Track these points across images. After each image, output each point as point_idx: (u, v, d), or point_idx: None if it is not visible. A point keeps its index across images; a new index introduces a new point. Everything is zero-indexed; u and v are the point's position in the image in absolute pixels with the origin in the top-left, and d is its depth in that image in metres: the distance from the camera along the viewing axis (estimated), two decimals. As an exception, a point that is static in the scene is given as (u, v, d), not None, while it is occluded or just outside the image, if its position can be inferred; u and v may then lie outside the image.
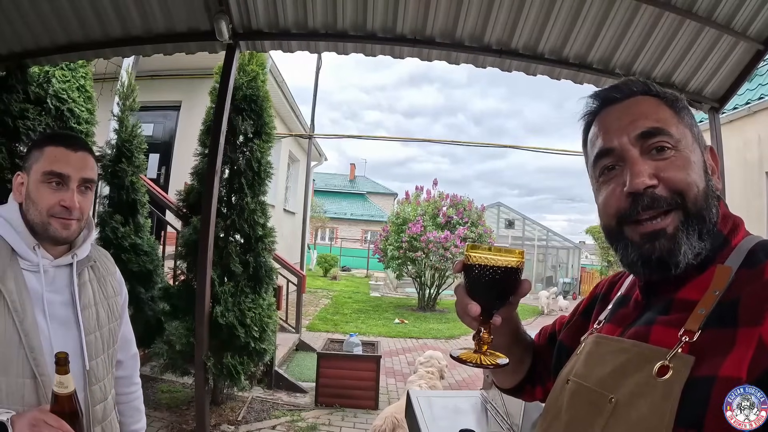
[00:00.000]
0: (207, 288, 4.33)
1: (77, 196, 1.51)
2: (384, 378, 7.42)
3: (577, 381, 0.96)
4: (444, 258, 15.62)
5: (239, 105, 5.38)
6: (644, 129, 0.92)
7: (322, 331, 11.51)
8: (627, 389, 0.83)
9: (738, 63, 4.37)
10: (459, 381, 8.35)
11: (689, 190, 0.88)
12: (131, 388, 1.94)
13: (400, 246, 16.20)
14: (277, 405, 6.12)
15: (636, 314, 0.97)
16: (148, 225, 5.77)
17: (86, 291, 1.62)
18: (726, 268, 0.85)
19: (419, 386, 5.19)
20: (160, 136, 10.21)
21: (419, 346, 10.79)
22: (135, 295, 5.31)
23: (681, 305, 0.87)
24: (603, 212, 0.98)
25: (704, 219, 0.89)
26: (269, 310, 5.47)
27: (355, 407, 6.27)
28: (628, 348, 0.89)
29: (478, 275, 0.99)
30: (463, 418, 3.10)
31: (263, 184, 5.62)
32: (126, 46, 4.24)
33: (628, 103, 0.98)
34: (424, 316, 15.50)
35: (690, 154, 0.92)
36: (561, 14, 4.04)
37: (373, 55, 4.41)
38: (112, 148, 5.47)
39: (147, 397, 5.37)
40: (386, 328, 12.87)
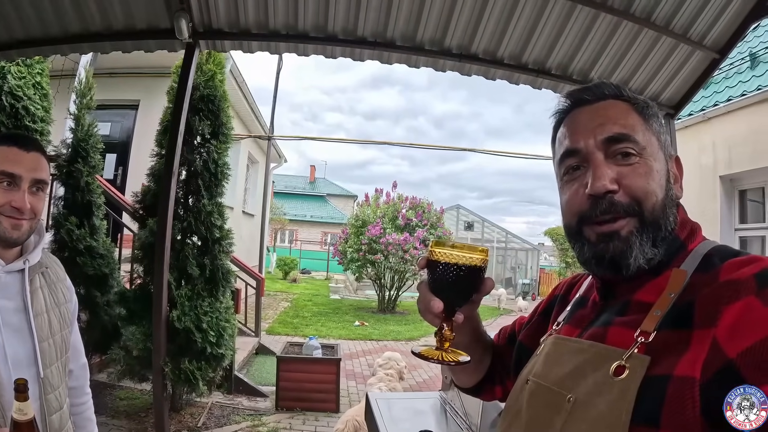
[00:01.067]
0: (164, 292, 4.25)
1: (29, 197, 1.47)
2: (344, 380, 7.41)
3: (537, 381, 0.98)
4: (403, 260, 15.68)
5: (197, 105, 5.32)
6: (611, 134, 0.93)
7: (282, 334, 11.41)
8: (585, 388, 0.85)
9: (694, 71, 4.48)
10: (419, 382, 8.39)
11: (647, 200, 0.90)
12: (82, 399, 1.88)
13: (359, 248, 16.20)
14: (238, 410, 6.04)
15: (594, 315, 0.99)
16: (103, 227, 5.64)
17: (38, 298, 1.57)
18: (681, 271, 0.87)
19: (379, 388, 5.18)
20: (118, 136, 9.99)
21: (379, 348, 10.79)
22: (91, 299, 5.22)
23: (637, 307, 0.89)
24: (565, 211, 1.00)
25: (659, 227, 0.91)
26: (227, 313, 5.40)
27: (316, 410, 6.24)
28: (586, 348, 0.91)
29: (442, 272, 0.99)
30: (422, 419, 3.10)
31: (220, 186, 5.57)
32: (84, 43, 4.12)
33: (598, 106, 0.99)
34: (384, 318, 15.53)
35: (653, 162, 0.93)
36: (521, 20, 4.10)
37: (334, 57, 4.39)
38: (67, 147, 5.34)
39: (105, 405, 5.33)
40: (346, 330, 12.84)
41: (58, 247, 5.14)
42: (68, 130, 5.47)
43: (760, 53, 7.18)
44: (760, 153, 6.68)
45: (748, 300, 0.74)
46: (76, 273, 5.04)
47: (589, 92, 1.01)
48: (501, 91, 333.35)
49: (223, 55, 5.70)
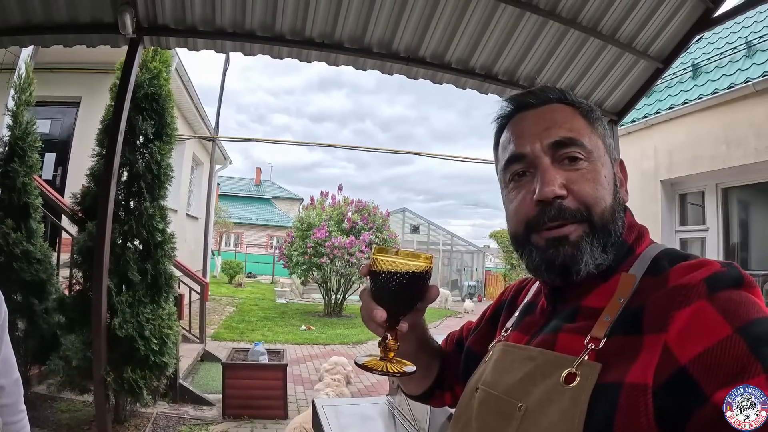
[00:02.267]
0: (103, 298, 4.11)
1: None
2: (292, 386, 7.36)
3: (486, 389, 0.96)
4: (349, 263, 15.67)
5: (140, 104, 5.18)
6: (557, 138, 0.92)
7: (227, 340, 11.22)
8: (536, 397, 0.84)
9: (638, 79, 4.64)
10: (367, 386, 8.39)
11: (596, 205, 0.90)
12: (17, 417, 1.72)
13: (305, 252, 16.11)
14: (184, 420, 5.88)
15: (542, 322, 0.99)
16: (41, 230, 5.42)
17: None
18: (630, 276, 0.86)
19: (326, 394, 5.14)
20: (58, 134, 9.59)
21: (327, 352, 10.73)
22: (28, 306, 5.03)
23: (587, 313, 0.88)
24: (512, 219, 0.98)
25: (609, 232, 0.90)
26: (170, 320, 5.28)
27: (264, 417, 6.14)
28: (535, 356, 0.90)
29: (385, 280, 0.95)
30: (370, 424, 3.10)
31: (163, 188, 5.43)
32: (25, 35, 3.97)
33: (543, 110, 0.98)
34: (330, 321, 15.51)
35: (601, 166, 0.93)
36: (470, 25, 4.17)
37: (281, 57, 4.39)
38: (3, 145, 5.13)
39: (45, 418, 5.13)
40: (293, 335, 12.76)
41: (-7, 252, 4.91)
42: (5, 127, 5.25)
43: (702, 64, 7.50)
44: (699, 158, 6.97)
45: (699, 304, 0.74)
46: (12, 279, 4.85)
47: (534, 96, 1.00)
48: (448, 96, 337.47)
49: (169, 52, 5.58)
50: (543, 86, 1.01)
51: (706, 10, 4.09)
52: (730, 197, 7.02)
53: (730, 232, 7.00)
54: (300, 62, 4.47)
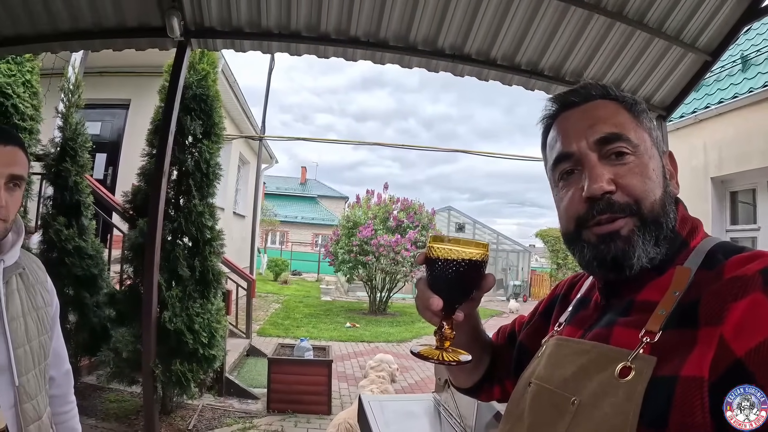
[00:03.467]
0: (154, 293, 4.21)
1: (4, 194, 1.38)
2: (336, 382, 7.39)
3: (539, 383, 0.96)
4: (395, 262, 15.68)
5: (188, 104, 5.27)
6: (603, 134, 0.92)
7: (272, 336, 11.38)
8: (590, 390, 0.83)
9: (686, 73, 4.50)
10: (411, 384, 8.37)
11: (645, 198, 0.89)
12: (66, 407, 1.78)
13: (350, 250, 16.18)
14: (229, 412, 5.99)
15: (596, 316, 0.98)
16: (92, 227, 5.61)
17: (14, 301, 1.47)
18: (685, 269, 0.85)
19: (371, 391, 5.14)
20: (108, 136, 9.94)
21: (371, 349, 10.78)
22: (79, 300, 5.18)
23: (641, 306, 0.87)
24: (563, 217, 0.98)
25: (661, 225, 0.90)
26: (218, 315, 5.37)
27: (307, 413, 6.20)
28: (589, 349, 0.89)
29: (442, 268, 0.95)
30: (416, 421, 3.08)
31: (212, 186, 5.52)
32: (75, 40, 4.09)
33: (586, 107, 0.98)
34: (375, 319, 15.53)
35: (648, 159, 0.92)
36: (514, 21, 4.11)
37: (326, 56, 4.40)
38: (55, 146, 5.30)
39: (94, 407, 5.29)
40: (337, 332, 12.82)
41: (47, 248, 5.11)
42: (56, 129, 5.43)
43: (752, 56, 7.24)
44: (750, 155, 6.73)
45: (754, 296, 0.73)
46: (64, 274, 5.02)
47: (576, 94, 1.00)
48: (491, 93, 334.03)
49: (216, 54, 5.67)
50: (585, 83, 1.01)
51: (755, 0, 3.96)
52: (783, 196, 6.79)
53: (783, 232, 6.77)
54: (345, 62, 4.48)
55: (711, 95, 7.54)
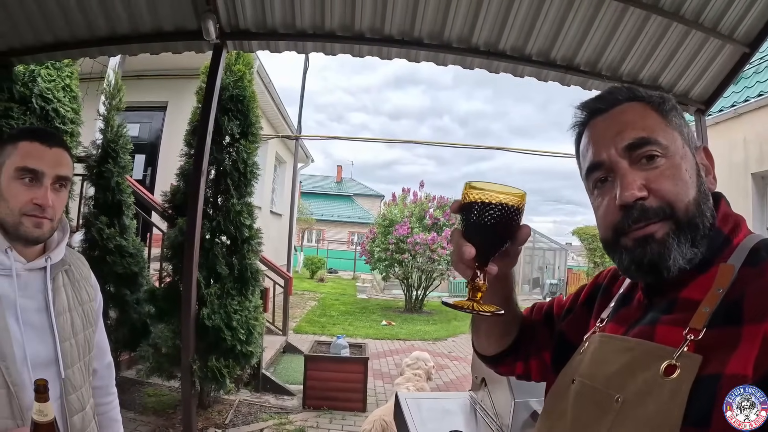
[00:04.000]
0: (193, 290, 4.29)
1: (51, 194, 1.43)
2: (372, 380, 7.38)
3: (583, 381, 0.96)
4: (431, 260, 15.62)
5: (225, 105, 5.34)
6: (631, 140, 0.92)
7: (309, 333, 11.45)
8: (634, 388, 0.83)
9: (724, 65, 4.40)
10: (447, 382, 8.35)
11: (679, 201, 0.88)
12: (107, 398, 1.85)
13: (386, 248, 16.17)
14: (265, 408, 6.07)
15: (639, 314, 0.97)
16: (133, 226, 5.73)
17: (60, 296, 1.54)
18: (729, 266, 0.84)
19: (407, 388, 5.14)
20: (146, 137, 10.17)
21: (407, 347, 10.75)
22: (120, 297, 5.30)
23: (684, 304, 0.86)
24: (601, 225, 0.98)
25: (697, 226, 0.88)
26: (256, 312, 5.44)
27: (343, 410, 6.24)
28: (634, 347, 0.89)
29: (477, 214, 0.94)
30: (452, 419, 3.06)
31: (249, 185, 5.59)
32: (112, 45, 4.21)
33: (614, 113, 0.97)
34: (411, 317, 15.48)
35: (680, 160, 0.91)
36: (549, 16, 4.05)
37: (361, 56, 4.41)
38: (97, 148, 5.43)
39: (133, 401, 5.41)
40: (373, 329, 12.84)
41: (89, 246, 5.24)
42: (98, 131, 5.57)
43: (792, 46, 7.04)
44: (792, 149, 6.55)
45: None
46: (106, 271, 5.14)
47: (602, 100, 1.00)
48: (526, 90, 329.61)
49: (251, 55, 5.74)
50: (610, 88, 1.01)
51: (794, -10, 3.84)
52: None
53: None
54: (378, 61, 4.50)
55: (750, 88, 7.35)
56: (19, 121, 4.41)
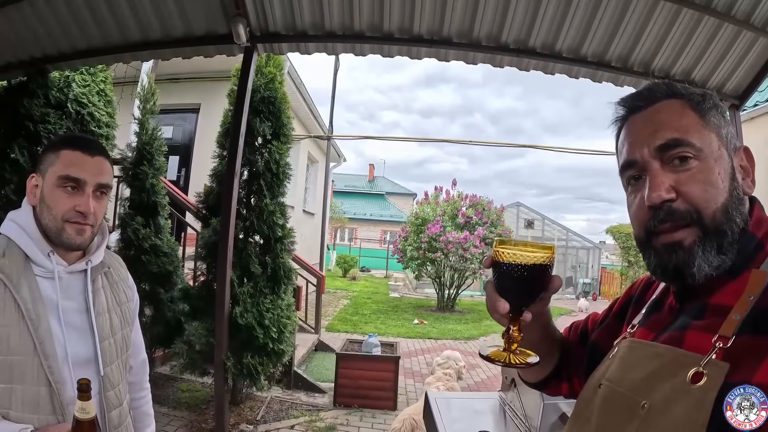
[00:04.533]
0: (226, 289, 4.36)
1: (92, 202, 1.48)
2: (403, 379, 7.40)
3: (610, 385, 0.95)
4: (463, 259, 15.60)
5: (257, 107, 5.39)
6: (664, 140, 0.91)
7: (341, 331, 11.51)
8: (660, 395, 0.82)
9: (758, 59, 4.29)
10: (477, 382, 8.33)
11: (707, 207, 0.87)
12: (141, 393, 1.92)
13: (419, 246, 16.17)
14: (296, 405, 6.14)
15: (670, 319, 0.96)
16: (168, 226, 5.84)
17: (100, 297, 1.59)
18: (761, 273, 0.83)
19: (437, 387, 5.14)
20: (180, 139, 10.33)
21: (438, 346, 10.73)
22: (155, 295, 5.39)
23: (715, 310, 0.86)
24: (634, 223, 0.99)
25: (724, 233, 0.87)
26: (288, 310, 5.48)
27: (373, 408, 6.27)
28: (663, 353, 0.89)
29: (507, 272, 0.97)
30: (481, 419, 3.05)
31: (282, 186, 5.63)
32: (145, 50, 4.30)
33: (651, 111, 0.96)
34: (443, 316, 15.45)
35: (714, 163, 0.90)
36: (578, 12, 4.00)
37: (390, 56, 4.41)
38: (132, 150, 5.54)
39: (167, 396, 5.53)
40: (405, 328, 12.84)
41: (125, 246, 5.35)
42: (133, 134, 5.68)
43: (830, 36, 6.84)
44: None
45: None
46: (141, 270, 5.23)
47: (640, 98, 0.99)
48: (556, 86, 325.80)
49: (282, 57, 5.79)
50: (650, 85, 1.00)
51: (830, -22, 3.72)
52: None
53: None
54: (407, 60, 4.51)
55: (786, 81, 7.18)
56: (56, 126, 4.53)
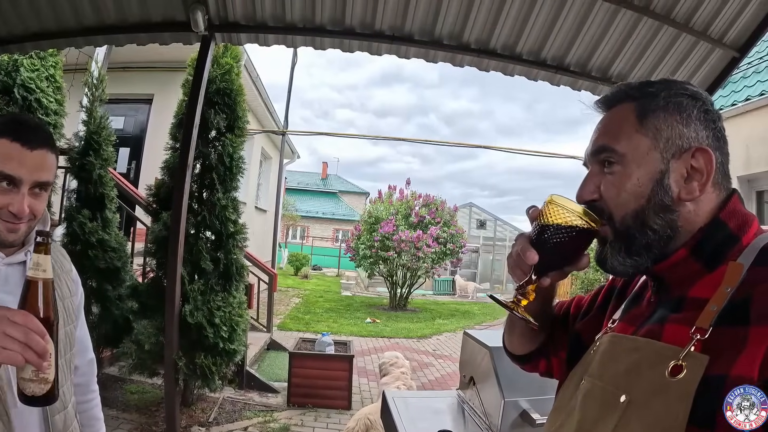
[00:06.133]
0: (177, 286, 4.25)
1: (28, 199, 1.35)
2: (356, 378, 7.40)
3: (591, 380, 0.96)
4: (416, 258, 15.75)
5: (212, 98, 5.28)
6: (595, 147, 1.00)
7: (293, 330, 11.44)
8: (640, 388, 0.83)
9: (713, 69, 4.43)
10: (431, 380, 8.38)
11: (617, 211, 0.94)
12: (89, 396, 1.79)
13: (372, 245, 16.25)
14: (249, 405, 6.03)
15: (649, 312, 0.97)
16: (116, 220, 5.64)
17: None
18: (738, 265, 0.84)
19: (397, 387, 5.13)
20: (131, 130, 10.06)
21: (391, 345, 10.79)
22: (102, 293, 5.22)
23: (693, 303, 0.87)
24: None
25: (632, 237, 0.93)
26: (240, 308, 5.40)
27: (327, 407, 6.22)
28: (642, 346, 0.89)
29: (554, 230, 0.97)
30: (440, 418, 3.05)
31: (235, 180, 5.54)
32: (99, 35, 4.12)
33: (606, 115, 1.03)
34: (395, 315, 15.54)
35: (635, 168, 0.93)
36: (540, 16, 4.06)
37: (351, 51, 4.37)
38: (80, 140, 5.33)
39: (115, 398, 5.34)
40: (358, 327, 12.87)
41: (71, 240, 5.14)
42: (81, 123, 5.48)
43: (780, 52, 7.12)
44: (777, 154, 6.62)
45: None
46: (87, 266, 5.06)
47: (604, 101, 1.05)
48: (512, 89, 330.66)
49: (240, 48, 5.68)
50: (614, 88, 1.04)
51: (785, -5, 3.87)
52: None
53: (809, 233, 6.66)
54: (365, 58, 4.48)
55: (738, 92, 7.46)
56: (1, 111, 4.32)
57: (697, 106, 0.95)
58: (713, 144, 0.95)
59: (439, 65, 4.51)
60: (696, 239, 0.91)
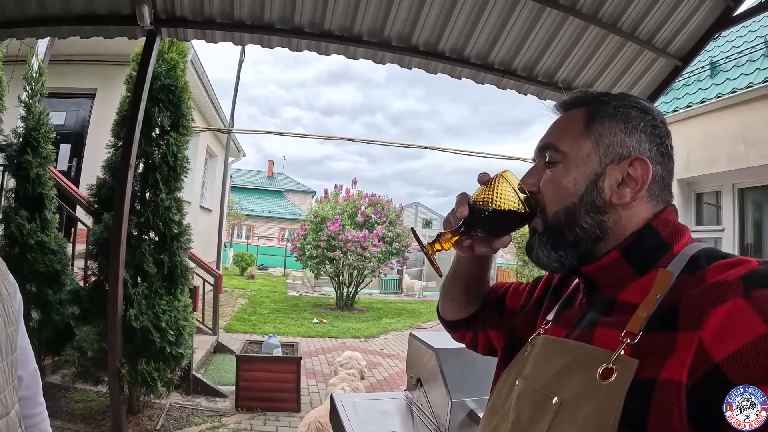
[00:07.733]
0: (119, 290, 4.15)
1: None
2: (305, 379, 7.34)
3: (525, 382, 0.98)
4: (362, 257, 15.77)
5: (156, 95, 5.14)
6: (541, 144, 1.05)
7: (240, 332, 11.26)
8: (571, 391, 0.85)
9: (656, 77, 4.60)
10: (380, 380, 8.39)
11: (549, 206, 1.00)
12: (36, 410, 1.66)
13: (318, 245, 16.18)
14: (197, 411, 5.90)
15: (580, 315, 1.00)
16: (56, 221, 5.39)
17: None
18: (667, 272, 0.87)
19: (342, 389, 5.11)
20: (73, 126, 9.68)
21: (338, 345, 10.77)
22: (42, 297, 5.00)
23: (623, 307, 0.89)
24: None
25: (561, 233, 0.98)
26: (185, 312, 5.26)
27: (276, 410, 6.15)
28: (573, 349, 0.92)
29: (494, 201, 1.00)
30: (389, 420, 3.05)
31: (179, 180, 5.41)
32: (42, 26, 3.96)
33: (560, 117, 1.08)
34: (342, 315, 15.52)
35: (574, 168, 0.98)
36: (489, 20, 4.16)
37: (299, 50, 4.38)
38: (17, 137, 5.09)
39: (59, 408, 5.16)
40: (305, 327, 12.77)
41: (8, 243, 4.91)
42: (19, 118, 5.23)
43: (720, 62, 7.44)
44: (716, 158, 6.94)
45: (734, 302, 0.73)
46: (26, 270, 4.84)
47: (560, 106, 1.09)
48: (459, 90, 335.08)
49: (186, 44, 5.55)
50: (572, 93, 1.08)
51: (726, 9, 4.04)
52: (746, 198, 6.98)
53: (745, 232, 6.96)
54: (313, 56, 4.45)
55: (679, 99, 7.75)
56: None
57: (645, 120, 0.99)
58: (656, 158, 0.98)
59: (387, 65, 4.52)
60: (627, 242, 0.94)
